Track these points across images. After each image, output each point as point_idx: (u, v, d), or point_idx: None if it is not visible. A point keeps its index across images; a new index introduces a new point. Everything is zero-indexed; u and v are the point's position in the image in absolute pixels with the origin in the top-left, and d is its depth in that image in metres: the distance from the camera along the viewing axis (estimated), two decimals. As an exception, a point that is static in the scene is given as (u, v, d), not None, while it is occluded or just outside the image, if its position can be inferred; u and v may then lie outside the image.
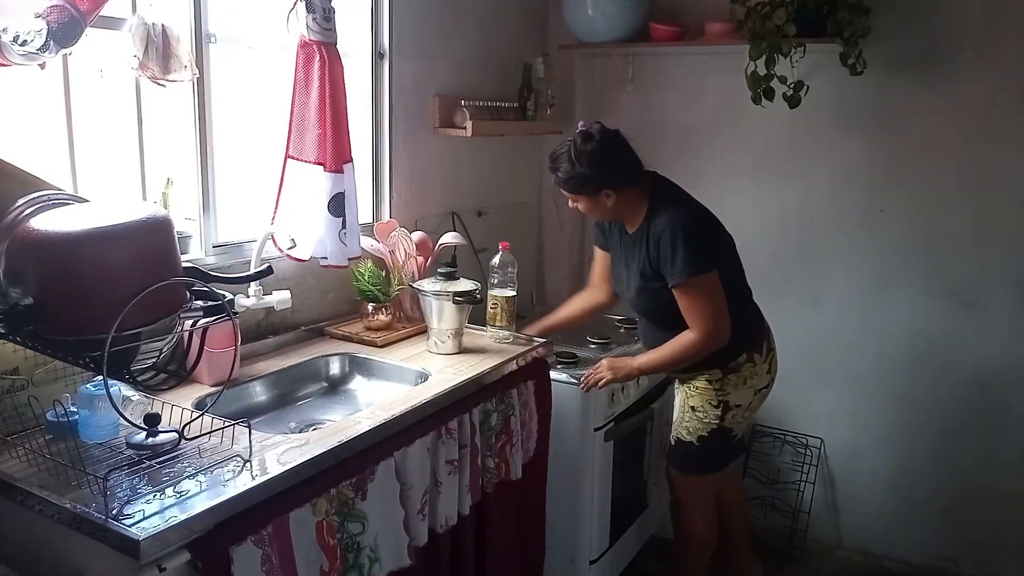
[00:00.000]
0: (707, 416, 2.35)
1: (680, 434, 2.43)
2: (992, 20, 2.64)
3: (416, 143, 2.65)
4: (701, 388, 2.35)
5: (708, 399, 2.34)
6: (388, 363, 2.11)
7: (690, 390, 2.38)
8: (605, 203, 2.19)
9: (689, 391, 2.39)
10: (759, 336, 2.37)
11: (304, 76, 2.03)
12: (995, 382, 2.82)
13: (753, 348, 2.33)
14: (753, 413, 2.46)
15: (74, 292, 1.30)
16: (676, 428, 2.45)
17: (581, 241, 3.45)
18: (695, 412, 2.36)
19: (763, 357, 2.35)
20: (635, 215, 2.23)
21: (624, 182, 2.17)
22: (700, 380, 2.35)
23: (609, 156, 2.14)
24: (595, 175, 2.14)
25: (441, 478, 1.81)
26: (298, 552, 1.41)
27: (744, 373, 2.32)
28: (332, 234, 2.10)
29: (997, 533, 2.88)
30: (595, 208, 2.22)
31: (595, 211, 2.24)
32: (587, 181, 2.15)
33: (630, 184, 2.19)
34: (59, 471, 1.34)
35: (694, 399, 2.36)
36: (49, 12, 1.51)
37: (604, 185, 2.15)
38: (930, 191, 2.81)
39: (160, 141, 1.94)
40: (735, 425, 2.37)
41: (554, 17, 3.18)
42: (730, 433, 2.37)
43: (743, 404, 2.35)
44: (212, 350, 1.71)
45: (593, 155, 2.12)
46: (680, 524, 2.57)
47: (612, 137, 2.17)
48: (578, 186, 2.17)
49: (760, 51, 2.62)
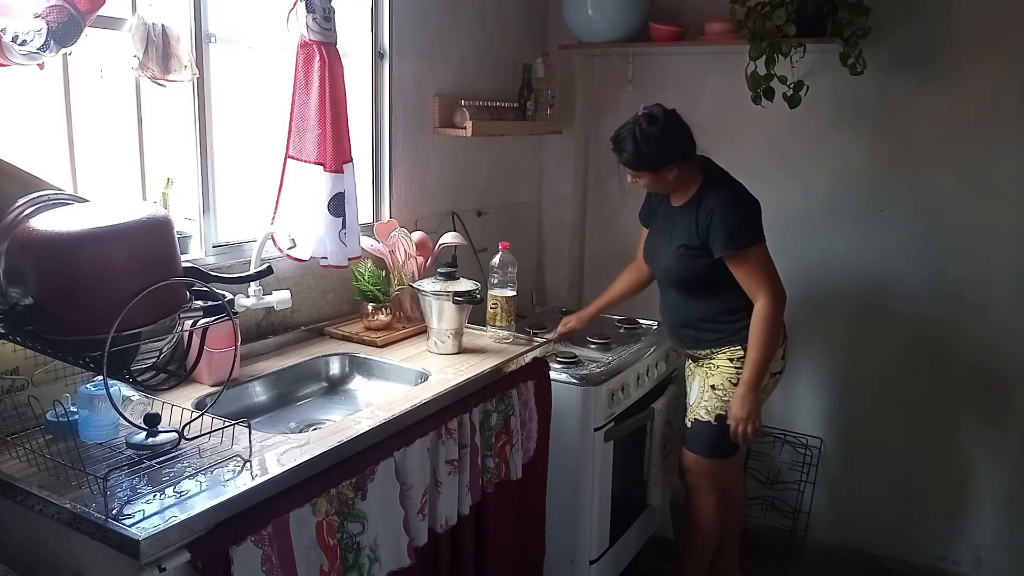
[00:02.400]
0: (727, 395, 2.38)
1: (698, 415, 2.46)
2: (992, 20, 2.64)
3: (416, 143, 2.65)
4: (723, 367, 2.41)
5: (728, 377, 2.38)
6: (388, 363, 2.11)
7: (711, 369, 2.44)
8: (667, 177, 2.33)
9: (710, 370, 2.44)
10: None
11: (304, 76, 2.03)
12: (995, 382, 2.82)
13: None
14: (767, 398, 2.51)
15: (74, 292, 1.29)
16: (693, 410, 2.49)
17: (581, 241, 3.45)
18: (715, 391, 2.41)
19: (781, 341, 2.42)
20: (688, 189, 2.37)
21: (686, 159, 2.33)
22: (722, 359, 2.41)
23: (673, 135, 2.29)
24: (661, 154, 2.29)
25: (441, 478, 1.81)
26: (298, 552, 1.41)
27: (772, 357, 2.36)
28: (332, 234, 2.10)
29: (997, 533, 2.88)
30: (657, 182, 2.37)
31: (657, 185, 2.39)
32: (654, 160, 2.30)
33: (690, 160, 2.34)
34: (59, 471, 1.34)
35: (715, 378, 2.42)
36: (48, 12, 1.51)
37: (668, 162, 2.30)
38: (930, 191, 2.81)
39: (160, 141, 1.94)
40: None
41: (554, 17, 3.18)
42: None
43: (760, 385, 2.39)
44: (212, 350, 1.71)
45: (659, 136, 2.27)
46: (692, 511, 2.58)
47: (673, 117, 2.31)
48: (648, 165, 2.32)
49: (760, 51, 2.62)
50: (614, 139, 2.34)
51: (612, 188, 3.33)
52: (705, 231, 2.30)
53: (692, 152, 2.34)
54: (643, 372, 2.67)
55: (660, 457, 2.73)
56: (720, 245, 2.27)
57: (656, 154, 2.28)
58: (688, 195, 2.37)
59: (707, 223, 2.29)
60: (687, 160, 2.33)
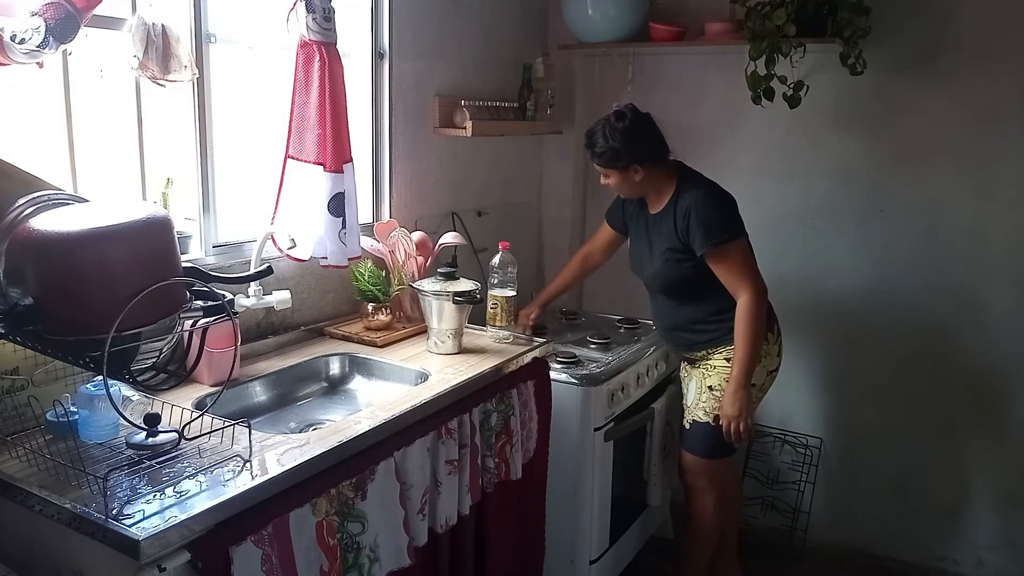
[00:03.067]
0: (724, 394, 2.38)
1: (696, 416, 2.47)
2: (992, 20, 2.64)
3: (416, 143, 2.65)
4: (719, 367, 2.41)
5: (726, 376, 2.38)
6: (388, 363, 2.11)
7: (708, 370, 2.45)
8: (633, 178, 2.34)
9: (707, 371, 2.45)
10: (771, 317, 2.45)
11: (304, 76, 2.03)
12: (995, 382, 2.82)
13: (768, 327, 2.40)
14: (763, 396, 2.52)
15: (74, 292, 1.29)
16: (691, 411, 2.49)
17: (581, 241, 3.45)
18: (712, 392, 2.42)
19: (775, 337, 2.45)
20: (661, 194, 2.39)
21: (651, 159, 2.33)
22: (718, 359, 2.42)
23: (638, 133, 2.31)
24: (625, 150, 2.30)
25: (441, 478, 1.81)
26: (298, 552, 1.41)
27: (760, 352, 2.37)
28: (332, 234, 2.10)
29: (997, 533, 2.88)
30: (624, 183, 2.37)
31: (624, 186, 2.39)
32: (618, 155, 2.31)
33: (657, 162, 2.35)
34: (59, 471, 1.34)
35: (712, 379, 2.42)
36: (45, 9, 1.51)
37: (633, 160, 2.31)
38: (930, 191, 2.81)
39: (160, 141, 1.94)
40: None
41: (554, 17, 3.18)
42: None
43: (757, 384, 2.42)
44: (212, 350, 1.71)
45: (624, 131, 2.29)
46: (691, 511, 2.58)
47: (642, 117, 2.33)
48: (610, 160, 2.33)
49: (760, 51, 2.62)
50: (587, 134, 2.37)
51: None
52: (685, 231, 2.31)
53: (659, 155, 2.35)
54: (643, 372, 2.67)
55: (660, 457, 2.72)
56: (700, 243, 2.29)
57: (620, 149, 2.29)
58: (664, 200, 2.38)
59: (685, 223, 2.31)
60: (654, 162, 2.34)
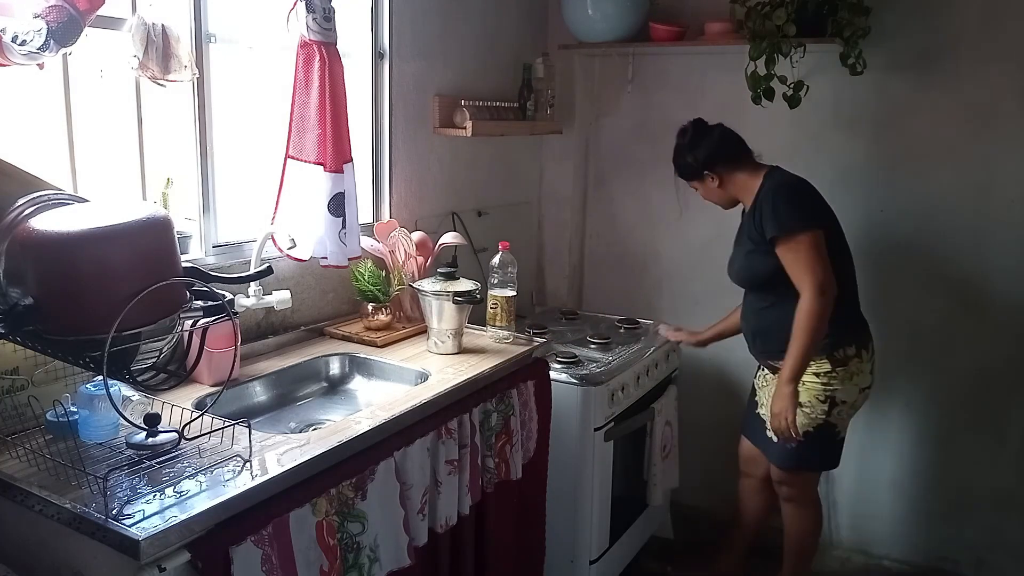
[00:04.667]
0: (814, 411, 2.34)
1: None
2: (992, 20, 2.64)
3: (416, 143, 2.65)
4: (809, 384, 2.34)
5: (816, 394, 2.34)
6: (388, 363, 2.11)
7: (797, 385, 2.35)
8: (711, 185, 2.44)
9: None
10: (867, 333, 2.41)
11: (304, 76, 2.03)
12: (995, 382, 2.82)
13: (862, 343, 2.37)
14: (855, 411, 2.44)
15: (74, 292, 1.29)
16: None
17: (581, 241, 3.45)
18: (801, 408, 2.33)
19: (868, 355, 2.39)
20: (749, 195, 2.40)
21: (723, 164, 2.40)
22: (808, 375, 2.33)
23: (700, 144, 2.41)
24: (692, 162, 2.42)
25: (441, 478, 1.81)
26: (298, 552, 1.41)
27: (852, 368, 2.33)
28: (332, 234, 2.10)
29: (997, 533, 2.88)
30: (708, 192, 2.48)
31: (711, 195, 2.49)
32: (688, 168, 2.44)
33: (732, 167, 2.40)
34: (59, 471, 1.34)
35: (802, 395, 2.33)
36: (48, 12, 1.51)
37: (703, 169, 2.41)
38: (930, 191, 2.81)
39: (160, 141, 1.94)
40: (839, 422, 2.38)
41: (554, 17, 3.18)
42: (835, 429, 2.38)
43: (848, 401, 2.36)
44: (212, 350, 1.71)
45: (687, 146, 2.43)
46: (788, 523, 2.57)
47: (702, 128, 2.44)
48: (685, 174, 2.48)
49: (760, 51, 2.62)
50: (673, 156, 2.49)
51: (612, 188, 3.34)
52: (759, 223, 2.30)
53: (729, 159, 2.39)
54: (643, 372, 2.67)
55: (660, 457, 2.73)
56: (770, 229, 2.26)
57: (688, 163, 2.42)
58: (751, 199, 2.38)
59: (759, 214, 2.30)
60: (728, 166, 2.39)
